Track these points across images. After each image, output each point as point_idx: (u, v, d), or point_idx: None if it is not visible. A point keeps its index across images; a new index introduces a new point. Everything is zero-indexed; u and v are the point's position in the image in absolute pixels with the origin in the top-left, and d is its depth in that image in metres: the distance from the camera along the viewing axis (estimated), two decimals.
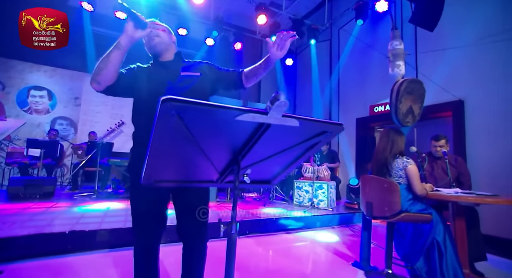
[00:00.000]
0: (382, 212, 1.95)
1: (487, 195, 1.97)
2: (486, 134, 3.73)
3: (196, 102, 0.47)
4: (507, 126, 3.50)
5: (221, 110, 0.49)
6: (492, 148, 3.62)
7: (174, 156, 0.64)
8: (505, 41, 3.56)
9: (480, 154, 3.74)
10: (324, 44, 7.11)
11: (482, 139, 3.78)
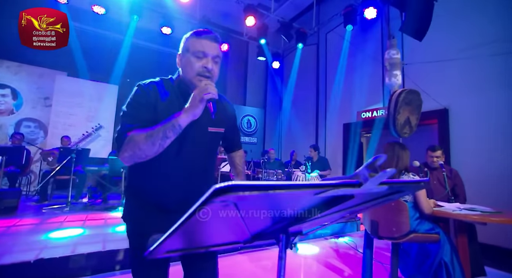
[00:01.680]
0: (390, 232, 1.85)
1: (491, 212, 1.94)
2: (470, 141, 3.83)
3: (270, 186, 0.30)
4: (490, 135, 3.60)
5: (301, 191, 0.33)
6: (475, 156, 3.71)
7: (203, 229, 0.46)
8: (489, 53, 3.67)
9: (463, 161, 3.82)
10: (311, 48, 7.08)
11: (465, 146, 3.87)
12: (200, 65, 0.92)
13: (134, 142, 0.82)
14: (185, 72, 0.96)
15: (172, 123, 0.83)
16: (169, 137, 0.83)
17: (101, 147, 5.48)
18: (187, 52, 0.95)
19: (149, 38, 6.08)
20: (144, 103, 0.91)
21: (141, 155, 0.82)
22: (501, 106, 3.54)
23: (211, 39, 0.96)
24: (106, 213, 3.77)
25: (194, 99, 0.84)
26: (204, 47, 0.93)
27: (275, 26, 6.75)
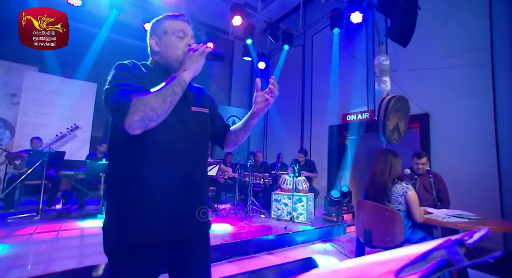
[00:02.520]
0: (384, 242, 1.84)
1: (478, 219, 2.00)
2: (449, 146, 3.98)
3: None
4: (467, 138, 3.77)
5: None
6: (454, 160, 3.86)
7: None
8: (469, 60, 3.83)
9: (443, 164, 3.96)
10: (297, 49, 7.08)
11: (445, 150, 4.02)
12: (183, 44, 0.94)
13: (143, 102, 0.75)
14: (167, 53, 0.95)
15: (177, 79, 0.82)
16: (177, 93, 0.81)
17: (78, 149, 5.13)
18: (165, 34, 0.95)
19: (131, 34, 5.77)
20: (134, 76, 0.87)
21: (153, 115, 0.76)
22: (477, 112, 3.70)
23: (187, 21, 0.98)
24: (84, 221, 3.51)
25: (193, 56, 0.86)
26: (183, 27, 0.95)
27: (261, 26, 6.67)
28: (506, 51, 3.55)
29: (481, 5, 3.82)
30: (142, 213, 0.84)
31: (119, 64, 0.90)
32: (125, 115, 0.75)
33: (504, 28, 3.59)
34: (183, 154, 0.91)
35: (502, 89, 3.56)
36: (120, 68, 0.88)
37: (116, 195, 0.87)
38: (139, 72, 0.91)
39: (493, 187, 3.46)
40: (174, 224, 0.88)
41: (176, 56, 0.93)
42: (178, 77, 0.82)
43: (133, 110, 0.75)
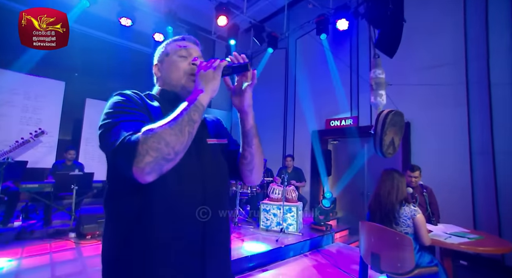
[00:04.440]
0: (394, 268, 1.80)
1: (476, 238, 2.04)
2: (430, 154, 4.14)
3: None
4: (445, 147, 3.94)
5: None
6: (432, 168, 4.02)
7: None
8: (450, 71, 4.00)
9: (422, 172, 4.12)
10: (280, 52, 6.99)
11: (424, 158, 4.17)
12: (187, 63, 0.81)
13: (156, 136, 0.57)
14: (169, 77, 0.82)
15: (193, 104, 0.65)
16: (196, 121, 0.64)
17: (43, 156, 4.56)
18: (167, 56, 0.84)
19: (105, 29, 5.25)
20: (137, 107, 0.70)
21: (170, 152, 0.58)
22: (454, 122, 3.89)
23: (192, 41, 0.87)
24: (52, 241, 3.09)
25: (205, 73, 0.70)
26: (187, 45, 0.84)
27: (244, 26, 6.48)
28: (480, 68, 3.75)
29: (456, 20, 4.00)
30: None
31: (117, 93, 0.73)
32: (132, 157, 0.55)
33: (477, 43, 3.79)
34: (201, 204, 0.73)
35: (475, 103, 3.77)
36: (119, 98, 0.71)
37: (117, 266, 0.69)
38: (143, 104, 0.74)
39: (466, 196, 3.65)
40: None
41: (178, 78, 0.80)
42: (194, 101, 0.66)
43: (143, 150, 0.55)
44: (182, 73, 0.79)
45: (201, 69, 0.71)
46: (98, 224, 3.24)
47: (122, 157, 0.58)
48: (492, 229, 3.36)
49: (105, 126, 0.64)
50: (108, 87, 5.51)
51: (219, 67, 0.71)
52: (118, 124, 0.62)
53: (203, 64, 0.72)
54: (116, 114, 0.65)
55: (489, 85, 3.63)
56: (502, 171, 3.42)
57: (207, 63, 0.72)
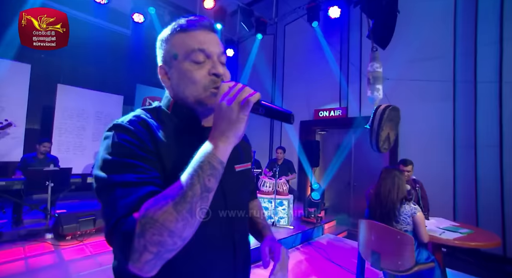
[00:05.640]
0: (395, 265, 1.81)
1: (467, 232, 2.11)
2: (416, 147, 4.25)
3: None
4: (435, 142, 4.05)
5: None
6: (421, 161, 4.14)
7: None
8: (438, 66, 4.05)
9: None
10: (268, 38, 6.74)
11: (412, 152, 4.26)
12: (204, 74, 0.58)
13: (157, 226, 0.42)
14: (183, 90, 0.60)
15: (207, 163, 0.47)
16: (212, 189, 0.47)
17: (8, 148, 4.12)
18: (175, 59, 0.60)
19: (77, 6, 4.70)
20: (142, 153, 0.52)
21: (176, 242, 0.43)
22: (440, 116, 3.99)
23: (208, 28, 0.61)
24: (26, 244, 2.83)
25: (229, 113, 0.49)
26: (203, 43, 0.59)
27: (231, 8, 6.13)
28: (467, 64, 3.82)
29: (446, 13, 4.01)
30: None
31: (116, 127, 0.55)
32: (127, 253, 0.42)
33: (466, 39, 3.84)
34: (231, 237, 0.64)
35: (460, 99, 3.86)
36: (120, 137, 0.52)
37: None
38: (149, 134, 0.56)
39: (448, 188, 3.82)
40: None
41: (195, 92, 0.59)
42: (207, 159, 0.47)
43: (140, 245, 0.42)
44: (200, 88, 0.58)
45: (223, 101, 0.50)
46: (80, 223, 3.01)
47: (115, 247, 0.46)
48: (470, 219, 3.55)
49: (99, 182, 0.50)
50: (81, 72, 5.08)
51: (248, 103, 0.50)
52: (113, 189, 0.47)
53: (228, 93, 0.51)
54: (113, 167, 0.49)
55: (475, 82, 3.71)
56: (482, 164, 3.58)
57: (233, 90, 0.51)
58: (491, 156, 3.50)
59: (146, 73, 5.48)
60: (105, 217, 0.47)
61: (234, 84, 0.52)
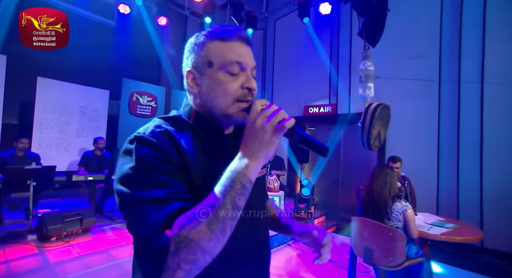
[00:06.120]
0: (387, 261, 1.87)
1: (454, 227, 2.21)
2: (403, 144, 4.37)
3: None
4: (421, 140, 4.18)
5: None
6: (407, 158, 4.27)
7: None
8: (425, 64, 4.16)
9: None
10: (258, 33, 6.68)
11: (399, 148, 4.39)
12: (237, 86, 0.58)
13: (192, 245, 0.42)
14: (212, 100, 0.59)
15: (239, 182, 0.47)
16: (241, 208, 0.48)
17: None
18: (210, 67, 0.58)
19: None
20: (167, 167, 0.50)
21: (207, 259, 0.44)
22: (426, 114, 4.11)
23: (245, 40, 0.61)
24: (6, 246, 2.69)
25: (262, 134, 0.50)
26: (240, 56, 0.59)
27: (220, 2, 6.00)
28: (451, 64, 3.94)
29: (433, 11, 4.11)
30: None
31: (138, 140, 0.52)
32: (159, 270, 0.42)
33: (451, 39, 3.96)
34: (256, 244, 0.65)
35: (445, 97, 3.99)
36: (142, 152, 0.50)
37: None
38: (173, 145, 0.54)
39: (432, 183, 3.97)
40: None
41: (224, 104, 0.58)
42: (237, 178, 0.48)
43: (174, 263, 0.42)
44: (230, 100, 0.58)
45: (256, 120, 0.50)
46: (65, 223, 2.89)
47: (147, 264, 0.46)
48: (452, 213, 3.72)
49: (124, 197, 0.48)
50: (64, 65, 4.83)
51: (282, 129, 0.50)
52: (141, 205, 0.46)
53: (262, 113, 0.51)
54: (139, 183, 0.48)
55: (459, 82, 3.84)
56: (464, 160, 3.73)
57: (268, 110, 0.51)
58: (472, 154, 3.66)
59: (133, 67, 5.29)
60: (134, 232, 0.47)
61: (269, 104, 0.52)
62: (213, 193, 0.47)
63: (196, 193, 0.50)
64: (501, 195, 3.41)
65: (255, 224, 0.65)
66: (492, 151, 3.52)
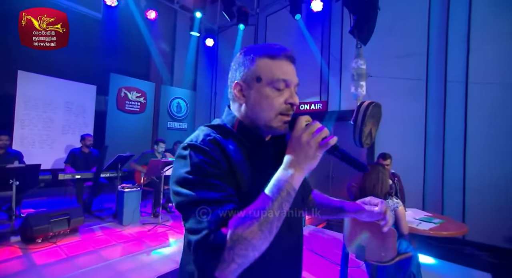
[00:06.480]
0: (379, 257, 1.92)
1: (440, 222, 2.29)
2: (391, 141, 4.48)
3: None
4: (409, 137, 4.29)
5: None
6: (395, 155, 4.38)
7: None
8: (413, 63, 4.25)
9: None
10: (249, 29, 6.61)
11: (386, 145, 4.50)
12: (282, 101, 0.65)
13: (246, 242, 0.50)
14: (258, 112, 0.66)
15: (285, 190, 0.54)
16: (286, 212, 0.55)
17: None
18: (258, 82, 0.65)
19: None
20: (219, 172, 0.58)
21: (254, 255, 0.52)
22: (413, 112, 4.22)
23: (290, 59, 0.68)
24: None
25: (307, 149, 0.56)
26: (286, 73, 0.66)
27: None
28: (438, 64, 4.05)
29: (421, 13, 4.20)
30: None
31: (192, 147, 0.60)
32: (216, 262, 0.50)
33: (438, 38, 4.06)
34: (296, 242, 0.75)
35: (432, 96, 4.11)
36: (197, 159, 0.58)
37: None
38: (221, 152, 0.61)
39: (419, 179, 4.09)
40: None
41: (268, 117, 0.64)
42: (285, 186, 0.54)
43: (229, 257, 0.49)
44: (274, 114, 0.64)
45: (302, 136, 0.57)
46: (52, 223, 2.80)
47: (204, 257, 0.52)
48: (437, 207, 3.87)
49: (182, 197, 0.56)
50: (47, 58, 4.61)
51: (326, 145, 0.56)
52: (199, 204, 0.53)
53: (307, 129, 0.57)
54: (197, 187, 0.55)
55: (445, 82, 3.95)
56: (449, 157, 3.87)
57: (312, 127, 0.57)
58: (457, 151, 3.79)
59: (121, 61, 5.13)
60: (191, 229, 0.53)
61: (312, 121, 0.59)
62: (262, 197, 0.53)
63: (242, 196, 0.57)
64: (482, 191, 3.57)
65: (295, 222, 0.71)
66: (475, 149, 3.67)
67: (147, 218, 3.78)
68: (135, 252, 2.72)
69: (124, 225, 3.40)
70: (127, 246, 2.89)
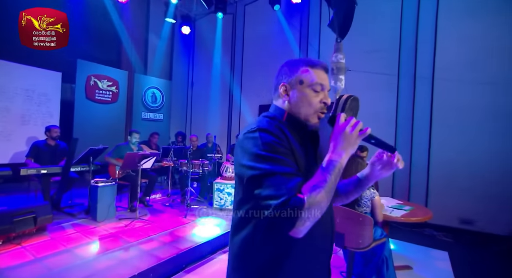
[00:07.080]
0: (356, 243, 2.03)
1: (410, 209, 2.48)
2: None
3: None
4: (381, 129, 4.52)
5: None
6: (371, 146, 4.63)
7: None
8: (387, 59, 4.44)
9: None
10: (227, 17, 6.45)
11: None
12: (318, 100, 0.82)
13: (317, 204, 0.64)
14: (299, 107, 0.83)
15: (338, 168, 0.69)
16: (336, 185, 0.71)
17: None
18: (301, 84, 0.83)
19: None
20: (287, 152, 0.73)
21: (320, 214, 0.66)
22: (386, 106, 4.44)
23: (325, 69, 0.86)
24: None
25: (350, 138, 0.73)
26: (322, 79, 0.83)
27: None
28: (409, 59, 4.28)
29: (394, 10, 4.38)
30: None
31: (261, 130, 0.74)
32: (295, 220, 0.63)
33: (409, 35, 4.27)
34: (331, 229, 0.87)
35: (403, 90, 4.35)
36: (268, 139, 0.72)
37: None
38: (288, 142, 0.76)
39: None
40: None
41: (307, 112, 0.81)
42: (337, 165, 0.69)
43: (306, 216, 0.63)
44: (312, 110, 0.81)
45: (345, 129, 0.72)
46: (15, 223, 2.58)
47: (285, 217, 0.63)
48: (404, 194, 4.18)
49: (259, 170, 0.67)
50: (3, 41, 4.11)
51: (364, 134, 0.73)
52: (275, 175, 0.65)
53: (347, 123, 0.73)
54: (271, 162, 0.68)
55: (414, 77, 4.20)
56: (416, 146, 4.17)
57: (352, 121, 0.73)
58: (423, 141, 4.09)
59: (90, 47, 4.75)
60: (270, 195, 0.64)
61: (350, 117, 0.74)
62: (322, 172, 0.67)
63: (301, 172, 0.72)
64: (444, 176, 3.92)
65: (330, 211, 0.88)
66: (439, 139, 3.98)
67: (123, 213, 3.63)
68: (112, 249, 2.61)
69: (98, 221, 3.24)
70: (103, 243, 2.76)
